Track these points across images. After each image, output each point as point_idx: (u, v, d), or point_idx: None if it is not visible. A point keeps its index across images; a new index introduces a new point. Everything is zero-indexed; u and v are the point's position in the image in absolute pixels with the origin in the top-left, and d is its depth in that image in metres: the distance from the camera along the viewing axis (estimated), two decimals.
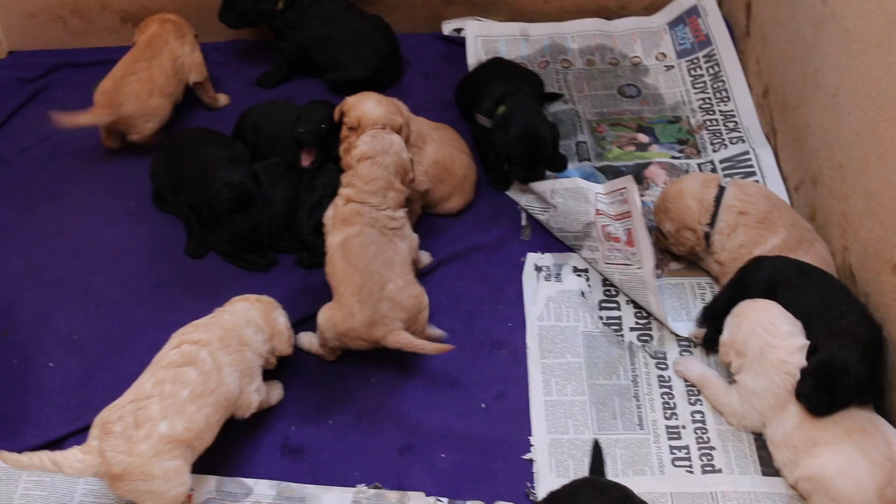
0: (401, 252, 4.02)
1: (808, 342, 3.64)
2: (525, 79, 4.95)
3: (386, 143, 4.06)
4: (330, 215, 4.06)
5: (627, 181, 4.24)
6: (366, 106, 4.28)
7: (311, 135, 4.45)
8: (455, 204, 4.63)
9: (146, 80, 4.88)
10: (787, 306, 3.75)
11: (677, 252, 4.34)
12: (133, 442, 3.34)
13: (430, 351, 3.86)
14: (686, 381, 3.96)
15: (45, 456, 3.27)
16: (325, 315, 3.94)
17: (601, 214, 4.35)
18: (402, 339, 3.85)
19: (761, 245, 4.09)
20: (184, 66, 5.06)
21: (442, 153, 4.57)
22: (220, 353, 3.60)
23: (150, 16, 5.16)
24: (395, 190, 4.06)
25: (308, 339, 4.08)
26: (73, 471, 3.30)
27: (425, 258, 4.37)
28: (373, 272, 3.87)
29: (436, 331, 4.07)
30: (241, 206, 4.31)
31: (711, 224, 4.17)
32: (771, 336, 3.66)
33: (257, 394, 3.75)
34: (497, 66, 5.05)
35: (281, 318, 3.91)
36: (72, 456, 3.31)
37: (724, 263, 4.20)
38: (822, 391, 3.48)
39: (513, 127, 4.46)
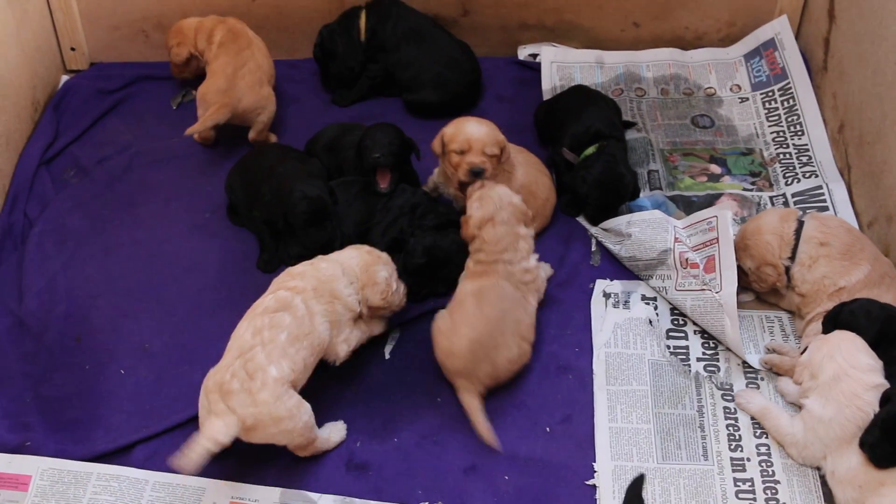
0: (529, 314, 4.09)
1: (886, 382, 3.60)
2: (608, 109, 4.94)
3: (496, 199, 4.11)
4: (464, 274, 4.15)
5: (719, 210, 4.26)
6: (469, 129, 4.35)
7: (386, 157, 4.47)
8: (535, 227, 4.63)
9: (255, 70, 5.03)
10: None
11: (759, 290, 4.31)
12: (253, 393, 3.53)
13: (480, 430, 3.86)
14: (748, 413, 3.92)
15: (201, 444, 3.44)
16: (439, 325, 4.00)
17: (679, 242, 4.35)
18: (470, 403, 3.90)
19: (845, 277, 4.05)
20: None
21: (528, 177, 4.59)
22: (313, 301, 3.79)
23: (182, 28, 5.31)
24: (522, 238, 4.11)
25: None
26: (227, 438, 3.49)
27: (547, 270, 4.37)
28: (495, 330, 3.92)
29: None
30: (317, 219, 4.34)
31: (792, 258, 4.15)
32: (849, 366, 3.62)
33: (345, 345, 3.95)
34: (582, 97, 5.01)
35: (382, 273, 3.99)
36: (216, 428, 3.49)
37: (805, 295, 4.16)
38: (887, 443, 3.43)
39: (596, 170, 4.51)
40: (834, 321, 3.82)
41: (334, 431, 3.89)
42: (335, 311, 3.85)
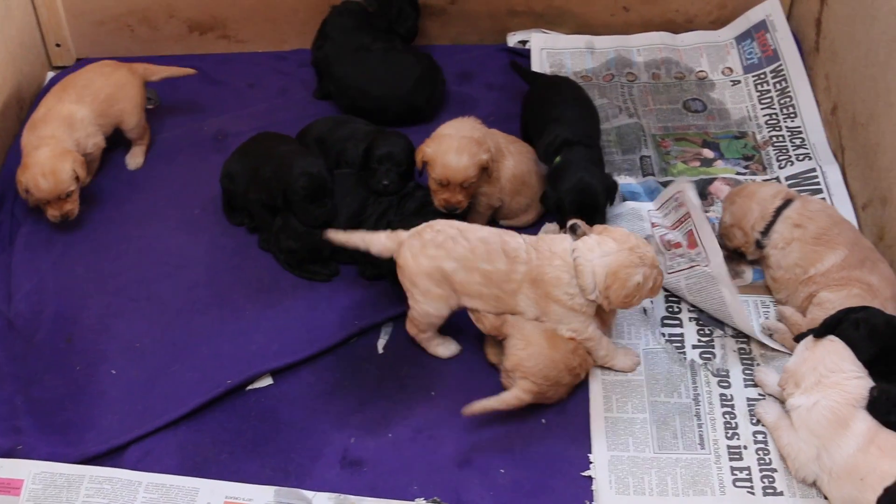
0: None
1: (871, 382, 3.58)
2: (579, 111, 4.74)
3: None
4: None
5: (680, 183, 4.26)
6: (449, 161, 4.23)
7: (394, 184, 4.41)
8: (531, 217, 4.61)
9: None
10: None
11: (725, 244, 4.31)
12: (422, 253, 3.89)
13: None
14: (763, 424, 3.86)
15: (357, 236, 4.03)
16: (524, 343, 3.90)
17: (657, 226, 4.34)
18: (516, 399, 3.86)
19: (818, 264, 4.05)
20: None
21: (520, 167, 4.53)
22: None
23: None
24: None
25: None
26: (375, 250, 3.99)
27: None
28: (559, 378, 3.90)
29: None
30: (316, 196, 4.30)
31: (764, 233, 4.18)
32: (830, 372, 3.60)
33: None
34: (551, 103, 4.78)
35: (636, 277, 3.79)
36: (377, 239, 3.99)
37: (777, 281, 4.19)
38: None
39: (565, 181, 4.30)
40: (833, 327, 3.75)
41: None
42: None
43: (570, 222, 4.10)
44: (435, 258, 3.91)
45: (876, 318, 3.71)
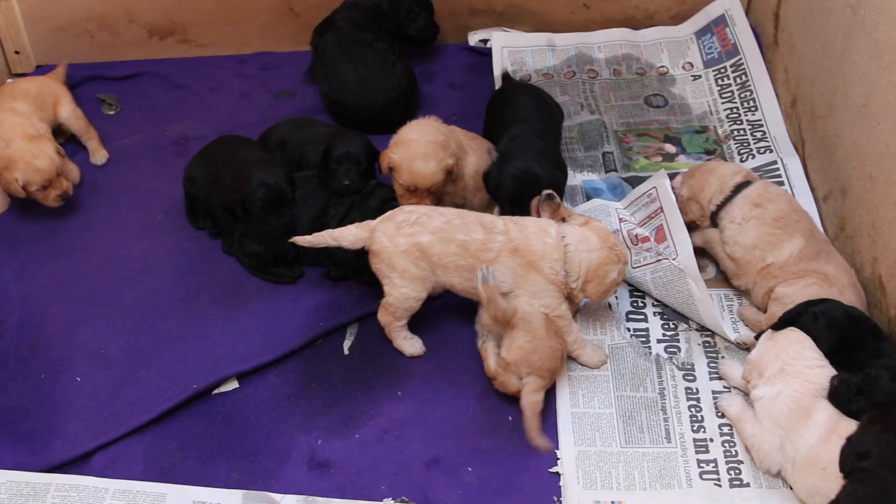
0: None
1: (833, 371, 3.61)
2: (542, 118, 4.67)
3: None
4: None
5: (657, 179, 4.26)
6: (416, 167, 4.22)
7: (355, 183, 4.42)
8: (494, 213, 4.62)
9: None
10: None
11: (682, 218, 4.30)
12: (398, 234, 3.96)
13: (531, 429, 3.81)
14: (725, 417, 3.88)
15: (326, 234, 4.06)
16: (524, 339, 3.89)
17: (624, 221, 4.35)
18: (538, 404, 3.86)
19: (776, 250, 4.08)
20: None
21: (482, 163, 4.50)
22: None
23: None
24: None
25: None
26: (347, 243, 4.03)
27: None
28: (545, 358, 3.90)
29: None
30: (275, 207, 4.30)
31: (720, 207, 4.21)
32: (793, 360, 3.63)
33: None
34: (516, 105, 4.72)
35: (612, 274, 3.97)
36: (346, 231, 4.04)
37: (736, 261, 4.19)
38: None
39: (511, 165, 4.25)
40: (792, 321, 3.79)
41: None
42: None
43: (545, 192, 4.12)
44: (412, 235, 3.94)
45: (834, 310, 3.76)
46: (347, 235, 4.04)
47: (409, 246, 3.94)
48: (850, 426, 3.46)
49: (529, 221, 4.00)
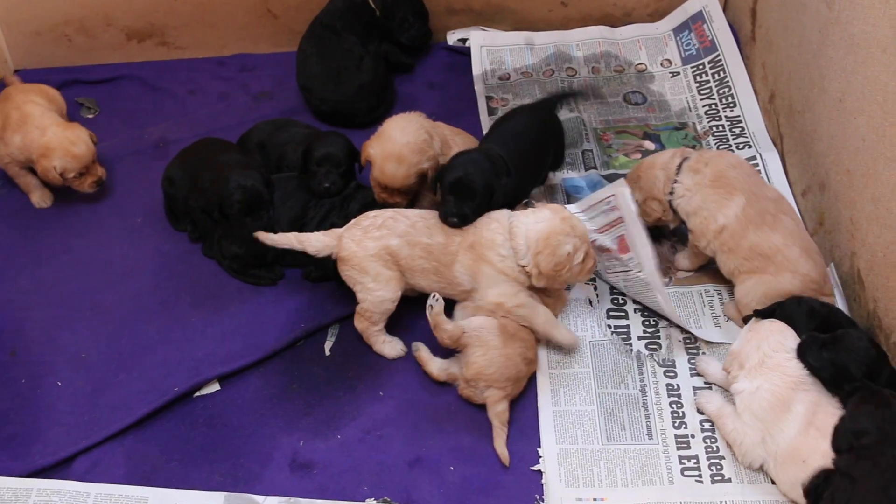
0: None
1: None
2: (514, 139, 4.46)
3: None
4: None
5: (616, 187, 4.20)
6: (387, 168, 4.20)
7: (335, 184, 4.42)
8: None
9: None
10: None
11: (646, 221, 4.26)
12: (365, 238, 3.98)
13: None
14: (706, 413, 3.89)
15: (292, 236, 4.09)
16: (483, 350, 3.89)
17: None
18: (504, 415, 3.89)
19: (722, 210, 4.07)
20: None
21: None
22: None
23: None
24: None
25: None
26: (313, 249, 4.04)
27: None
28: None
29: None
30: (252, 210, 4.30)
31: (673, 193, 4.20)
32: (774, 351, 3.65)
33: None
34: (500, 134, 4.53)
35: (566, 246, 3.90)
36: (313, 237, 4.06)
37: (694, 232, 4.18)
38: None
39: (454, 168, 4.07)
40: (773, 313, 3.84)
41: None
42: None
43: (524, 200, 4.17)
44: (380, 238, 3.96)
45: (813, 301, 3.84)
46: (314, 242, 4.06)
47: (379, 249, 3.96)
48: (826, 418, 3.49)
49: (485, 216, 4.03)
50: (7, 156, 4.70)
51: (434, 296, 3.85)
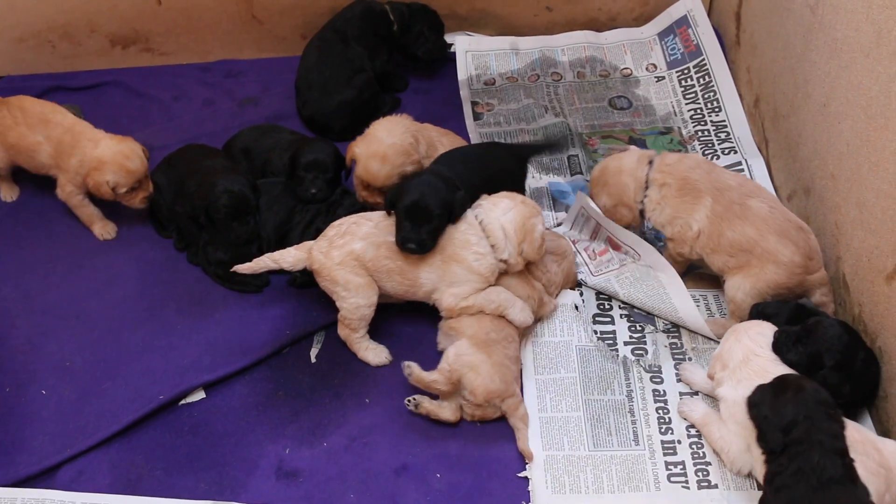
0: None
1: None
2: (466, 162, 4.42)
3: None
4: None
5: (579, 201, 4.32)
6: (371, 167, 4.29)
7: (322, 191, 4.45)
8: None
9: None
10: None
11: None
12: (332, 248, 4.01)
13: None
14: (690, 421, 3.89)
15: (266, 258, 4.09)
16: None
17: (578, 242, 4.42)
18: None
19: (693, 216, 4.11)
20: None
21: None
22: None
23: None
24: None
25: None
26: (288, 265, 4.08)
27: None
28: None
29: None
30: (238, 214, 4.30)
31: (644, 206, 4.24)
32: (756, 345, 3.67)
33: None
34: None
35: (539, 227, 3.98)
36: (286, 253, 4.09)
37: (673, 240, 4.20)
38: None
39: (410, 189, 3.98)
40: (759, 313, 3.91)
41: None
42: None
43: None
44: (343, 245, 3.99)
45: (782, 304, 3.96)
46: (287, 257, 4.09)
47: (344, 256, 3.98)
48: None
49: None
50: (68, 183, 4.63)
51: (406, 364, 3.85)
